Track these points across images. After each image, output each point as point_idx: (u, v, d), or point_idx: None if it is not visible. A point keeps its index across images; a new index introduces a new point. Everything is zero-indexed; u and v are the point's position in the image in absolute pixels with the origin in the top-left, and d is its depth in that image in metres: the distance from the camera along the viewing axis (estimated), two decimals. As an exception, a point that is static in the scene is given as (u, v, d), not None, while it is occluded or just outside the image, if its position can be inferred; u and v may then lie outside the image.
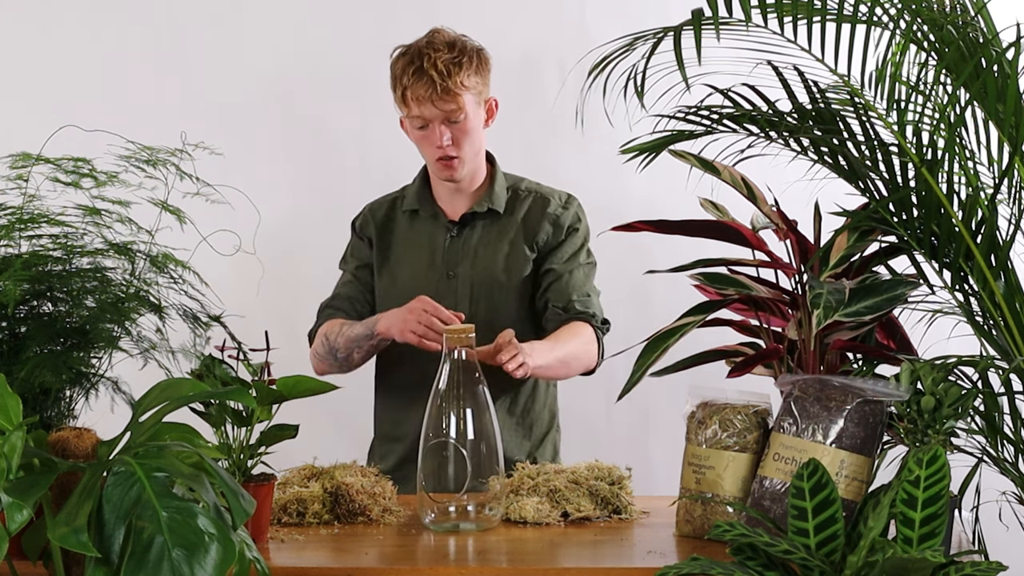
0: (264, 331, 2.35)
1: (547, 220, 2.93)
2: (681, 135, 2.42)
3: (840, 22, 2.36)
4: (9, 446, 1.78)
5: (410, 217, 2.98)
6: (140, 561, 1.71)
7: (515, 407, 2.93)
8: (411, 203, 2.97)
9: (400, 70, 2.83)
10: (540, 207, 2.94)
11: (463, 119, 2.82)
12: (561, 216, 2.94)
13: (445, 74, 2.77)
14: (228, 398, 2.22)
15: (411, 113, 2.83)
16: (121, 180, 2.34)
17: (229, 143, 2.53)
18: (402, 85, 2.82)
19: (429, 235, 2.94)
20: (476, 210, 2.91)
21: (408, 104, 2.82)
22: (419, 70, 2.79)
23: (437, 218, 2.95)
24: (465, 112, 2.81)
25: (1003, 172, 2.31)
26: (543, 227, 2.93)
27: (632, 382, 2.33)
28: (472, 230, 2.93)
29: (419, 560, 2.23)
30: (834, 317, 2.17)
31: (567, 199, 2.98)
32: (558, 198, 2.97)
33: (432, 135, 2.83)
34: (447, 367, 2.34)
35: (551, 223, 2.93)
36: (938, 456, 1.94)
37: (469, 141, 2.85)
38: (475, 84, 2.82)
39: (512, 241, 2.92)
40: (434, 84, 2.77)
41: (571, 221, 2.95)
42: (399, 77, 2.83)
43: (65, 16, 3.69)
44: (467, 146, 2.85)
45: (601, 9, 3.62)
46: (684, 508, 2.29)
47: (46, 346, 2.24)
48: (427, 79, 2.77)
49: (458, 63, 2.80)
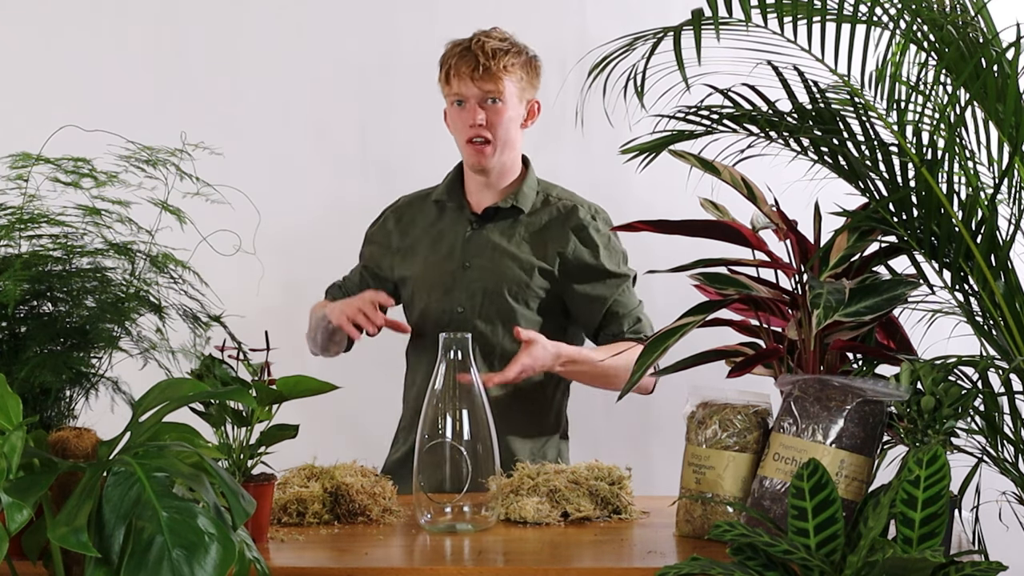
0: (264, 331, 2.36)
1: (572, 230, 2.95)
2: (681, 135, 2.42)
3: (840, 22, 2.36)
4: (9, 446, 1.77)
5: (438, 208, 3.03)
6: (140, 561, 1.71)
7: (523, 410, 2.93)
8: (441, 194, 3.03)
9: (449, 50, 2.93)
10: (566, 215, 2.97)
11: (500, 105, 2.88)
12: (590, 228, 2.96)
13: (490, 55, 2.86)
14: (228, 398, 2.22)
15: (451, 91, 2.90)
16: (121, 180, 2.34)
17: (229, 143, 2.53)
18: (447, 63, 2.91)
19: (451, 226, 2.98)
20: (500, 205, 2.94)
21: (450, 81, 2.90)
22: (466, 50, 2.89)
23: (462, 210, 2.99)
24: (503, 98, 2.88)
25: (1003, 172, 2.31)
26: (568, 237, 2.95)
27: (632, 382, 2.33)
28: (493, 224, 2.95)
29: (419, 560, 2.23)
30: (834, 317, 2.17)
31: (596, 211, 3.00)
32: (587, 208, 2.99)
33: (467, 113, 2.89)
34: (443, 368, 2.34)
35: (577, 234, 2.95)
36: (938, 456, 1.94)
37: (503, 128, 2.90)
38: (519, 76, 2.90)
39: (531, 242, 2.93)
40: (477, 63, 2.86)
41: (603, 238, 2.96)
42: (447, 57, 2.92)
43: (65, 16, 3.69)
44: (500, 132, 2.90)
45: (601, 9, 3.62)
46: (684, 508, 2.29)
47: (46, 346, 2.24)
48: (471, 57, 2.87)
49: (505, 51, 2.89)
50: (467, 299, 2.92)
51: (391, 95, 3.69)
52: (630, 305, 2.97)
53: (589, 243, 2.95)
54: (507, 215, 2.95)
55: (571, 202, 2.99)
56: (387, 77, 3.69)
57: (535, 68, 2.94)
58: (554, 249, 2.93)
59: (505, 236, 2.94)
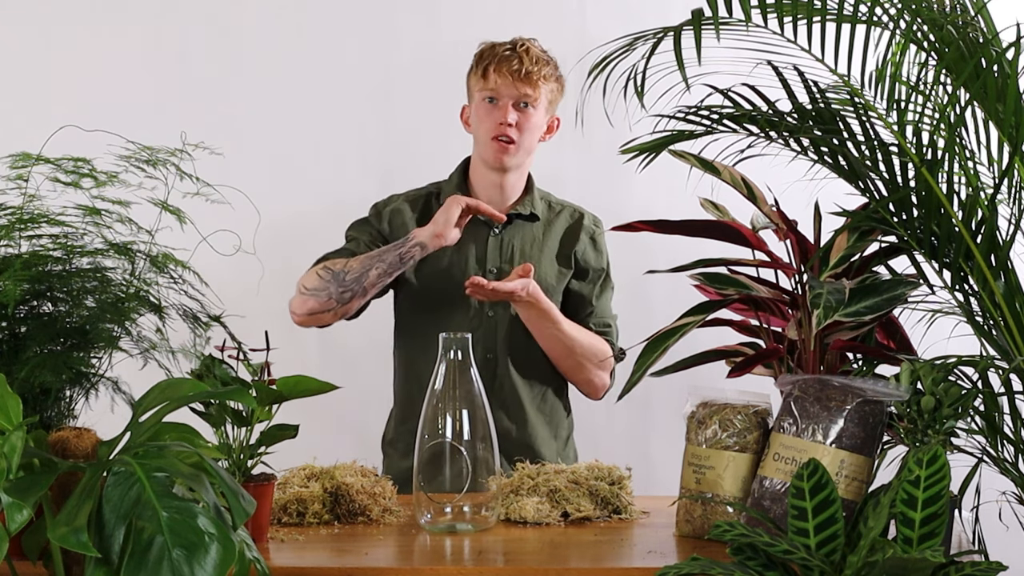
0: (264, 331, 2.36)
1: (585, 234, 3.02)
2: (681, 135, 2.42)
3: (840, 22, 2.36)
4: (9, 446, 1.77)
5: None
6: (140, 561, 1.71)
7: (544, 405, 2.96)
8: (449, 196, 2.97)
9: (488, 49, 2.94)
10: (577, 221, 3.03)
11: (531, 110, 2.91)
12: (595, 234, 3.03)
13: (533, 61, 2.89)
14: (228, 398, 2.22)
15: (487, 86, 2.91)
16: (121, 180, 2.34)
17: (229, 143, 2.53)
18: (487, 60, 2.92)
19: (470, 229, 2.94)
20: (520, 211, 2.95)
21: (487, 76, 2.90)
22: (511, 51, 2.91)
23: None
24: (536, 104, 2.91)
25: (1003, 172, 2.31)
26: (582, 240, 3.01)
27: (632, 382, 2.33)
28: (515, 230, 2.97)
29: (419, 560, 2.23)
30: (834, 317, 2.17)
31: (595, 219, 3.07)
32: (588, 216, 3.06)
33: (499, 111, 2.90)
34: (443, 368, 2.34)
35: (588, 239, 3.02)
36: (938, 456, 1.94)
37: (528, 133, 2.92)
38: (552, 87, 2.94)
39: (553, 248, 2.99)
40: (521, 65, 2.88)
41: (603, 246, 3.05)
42: (485, 55, 2.93)
43: (65, 16, 3.69)
44: (526, 136, 2.92)
45: (601, 9, 3.62)
46: (684, 508, 2.29)
47: (46, 346, 2.24)
48: (515, 58, 2.89)
49: (547, 61, 2.93)
50: (497, 303, 2.92)
51: (391, 95, 3.69)
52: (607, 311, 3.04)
53: (597, 247, 3.03)
54: (526, 221, 2.99)
55: (574, 208, 3.05)
56: (387, 77, 3.69)
57: (562, 86, 2.98)
58: (571, 253, 3.00)
59: (528, 243, 2.97)
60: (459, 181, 3.00)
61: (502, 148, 2.90)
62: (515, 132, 2.89)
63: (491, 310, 2.93)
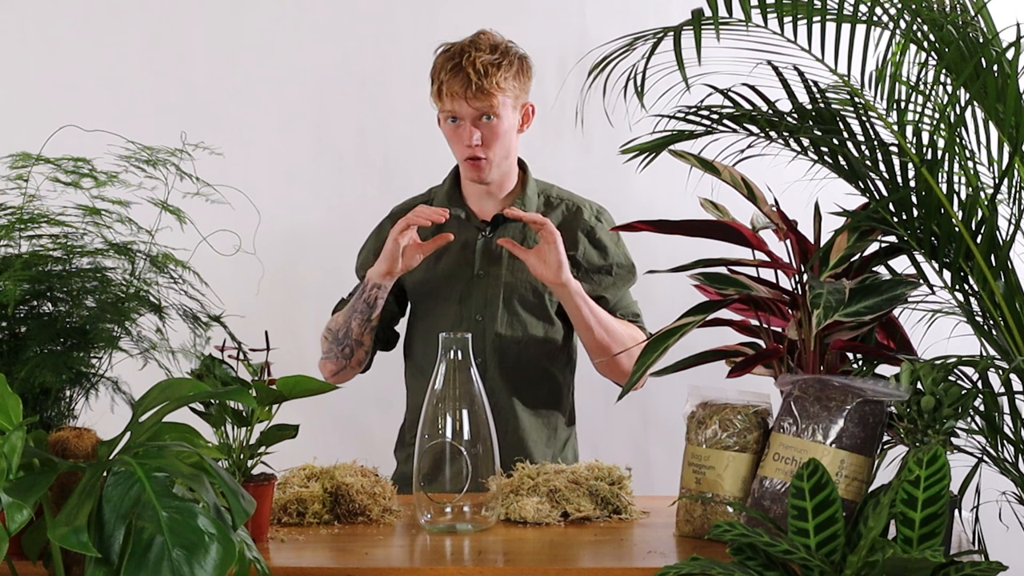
0: (264, 331, 2.36)
1: (582, 232, 2.94)
2: (681, 135, 2.42)
3: (840, 22, 2.36)
4: (9, 446, 1.77)
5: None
6: (140, 561, 1.71)
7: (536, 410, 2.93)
8: (441, 202, 2.97)
9: (439, 65, 2.86)
10: (574, 217, 2.95)
11: (495, 121, 2.83)
12: (597, 229, 2.95)
13: (482, 73, 2.80)
14: (228, 398, 2.22)
15: (444, 108, 2.85)
16: (121, 180, 2.34)
17: (229, 143, 2.53)
18: (439, 80, 2.85)
19: (459, 234, 2.92)
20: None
21: (442, 99, 2.85)
22: (457, 66, 2.81)
23: (468, 219, 2.95)
24: (498, 114, 2.83)
25: (1003, 172, 2.31)
26: (579, 240, 2.94)
27: (632, 382, 2.33)
28: (505, 231, 2.93)
29: (419, 560, 2.23)
30: (834, 317, 2.17)
31: (599, 210, 2.99)
32: (590, 208, 2.98)
33: (462, 132, 2.85)
34: (443, 368, 2.34)
35: (587, 236, 2.95)
36: (938, 456, 1.94)
37: (499, 143, 2.86)
38: (512, 88, 2.84)
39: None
40: (469, 81, 2.79)
41: (610, 238, 2.96)
42: (438, 71, 2.86)
43: (65, 16, 3.70)
44: (497, 148, 2.86)
45: (601, 9, 3.62)
46: (684, 508, 2.29)
47: (46, 346, 2.24)
48: (463, 76, 2.80)
49: (497, 64, 2.82)
50: (484, 307, 2.90)
51: (391, 95, 3.69)
52: (630, 307, 2.98)
53: (599, 245, 2.95)
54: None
55: (573, 202, 2.98)
56: (387, 77, 3.69)
57: (526, 71, 2.89)
58: (572, 256, 2.91)
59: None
60: (451, 187, 2.98)
61: (475, 167, 2.86)
62: (483, 150, 2.84)
63: (479, 315, 2.91)
